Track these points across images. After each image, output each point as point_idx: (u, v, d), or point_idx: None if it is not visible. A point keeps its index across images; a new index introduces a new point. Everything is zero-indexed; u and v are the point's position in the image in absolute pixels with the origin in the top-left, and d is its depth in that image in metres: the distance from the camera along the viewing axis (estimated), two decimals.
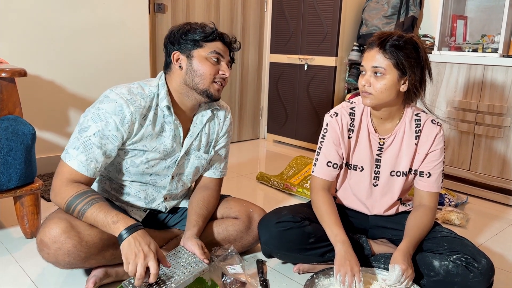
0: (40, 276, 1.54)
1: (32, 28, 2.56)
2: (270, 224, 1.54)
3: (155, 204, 1.63)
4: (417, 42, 1.44)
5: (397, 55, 1.40)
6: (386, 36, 1.42)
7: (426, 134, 1.54)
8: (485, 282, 1.39)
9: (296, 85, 3.69)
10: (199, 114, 1.60)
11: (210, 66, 1.46)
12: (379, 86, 1.42)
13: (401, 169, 1.58)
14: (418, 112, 1.57)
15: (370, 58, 1.43)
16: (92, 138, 1.38)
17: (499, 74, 2.43)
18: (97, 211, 1.31)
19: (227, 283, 1.46)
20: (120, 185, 1.58)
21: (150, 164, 1.52)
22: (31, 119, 2.50)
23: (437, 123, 1.56)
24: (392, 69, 1.41)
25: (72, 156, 1.38)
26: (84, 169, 1.38)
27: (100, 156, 1.40)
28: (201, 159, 1.63)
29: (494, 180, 2.51)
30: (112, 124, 1.39)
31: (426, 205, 1.56)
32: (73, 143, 1.40)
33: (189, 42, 1.46)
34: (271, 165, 3.28)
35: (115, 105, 1.39)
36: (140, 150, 1.48)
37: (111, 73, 2.92)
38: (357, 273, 1.37)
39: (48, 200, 2.25)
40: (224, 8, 3.59)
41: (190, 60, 1.47)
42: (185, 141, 1.57)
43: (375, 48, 1.43)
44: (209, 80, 1.47)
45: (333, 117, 1.58)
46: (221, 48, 1.48)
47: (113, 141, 1.41)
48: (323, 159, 1.59)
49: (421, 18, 3.29)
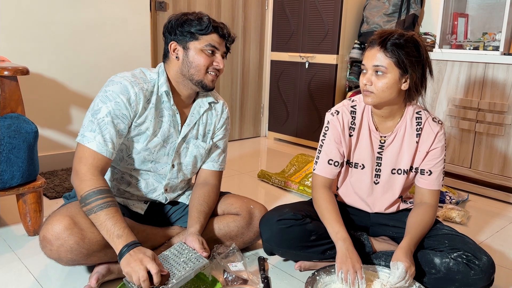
0: (42, 273, 1.55)
1: (34, 26, 2.57)
2: (271, 222, 1.55)
3: (155, 195, 1.64)
4: (418, 40, 1.44)
5: (398, 54, 1.40)
6: (387, 35, 1.42)
7: (427, 132, 1.55)
8: (485, 279, 1.39)
9: (297, 83, 3.69)
10: (196, 105, 1.65)
11: (205, 58, 1.51)
12: (381, 84, 1.43)
13: (402, 167, 1.58)
14: (419, 110, 1.57)
15: (371, 57, 1.44)
16: (106, 119, 1.43)
17: (500, 72, 2.43)
18: (106, 217, 1.32)
19: (229, 280, 1.47)
20: (121, 175, 1.60)
21: (151, 151, 1.55)
22: (34, 117, 2.51)
23: (438, 121, 1.56)
24: (393, 68, 1.41)
25: (90, 138, 1.41)
26: (104, 150, 1.41)
27: (115, 136, 1.44)
28: (199, 147, 1.66)
29: (495, 178, 2.51)
30: (121, 103, 1.45)
31: (427, 202, 1.56)
32: (88, 126, 1.43)
33: (186, 34, 1.52)
34: (272, 163, 3.29)
35: (120, 85, 1.46)
36: (142, 134, 1.52)
37: (112, 71, 2.93)
38: (359, 270, 1.37)
39: (51, 197, 2.26)
40: (225, 6, 3.59)
41: (187, 51, 1.52)
42: (183, 129, 1.61)
43: (376, 46, 1.43)
44: (204, 71, 1.52)
45: (334, 115, 1.58)
46: (217, 40, 1.53)
47: (124, 119, 1.46)
48: (325, 157, 1.59)
49: (422, 16, 3.29)
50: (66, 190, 2.34)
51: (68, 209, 1.41)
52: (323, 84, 3.49)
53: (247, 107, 3.98)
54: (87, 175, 1.38)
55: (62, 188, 2.38)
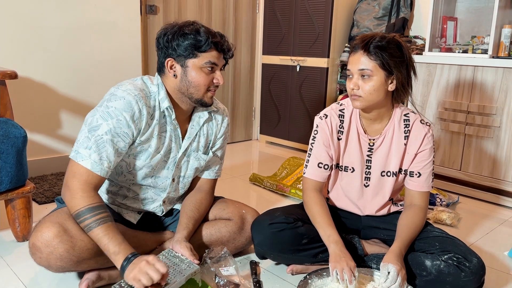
0: (32, 280, 1.53)
1: (23, 30, 2.54)
2: (263, 226, 1.55)
3: (152, 207, 1.63)
4: (400, 41, 1.46)
5: (382, 56, 1.41)
6: (369, 38, 1.43)
7: (415, 134, 1.56)
8: (476, 281, 1.40)
9: (288, 86, 3.70)
10: (196, 116, 1.60)
11: (204, 78, 1.46)
12: (368, 88, 1.44)
13: (391, 169, 1.59)
14: (407, 113, 1.58)
15: (355, 62, 1.45)
16: (104, 137, 1.36)
17: (489, 75, 2.45)
18: (102, 234, 1.29)
19: (221, 285, 1.46)
20: (119, 188, 1.58)
21: (153, 167, 1.52)
22: (22, 121, 2.48)
23: (426, 122, 1.57)
24: (378, 70, 1.43)
25: (84, 156, 1.35)
26: (98, 169, 1.36)
27: (112, 155, 1.38)
28: (200, 160, 1.63)
29: (484, 179, 2.53)
30: (123, 121, 1.38)
31: (417, 204, 1.57)
32: (83, 143, 1.37)
33: (183, 51, 1.43)
34: (264, 166, 3.29)
35: (124, 101, 1.39)
36: (145, 151, 1.48)
37: (102, 74, 2.91)
38: (353, 268, 1.37)
39: (40, 203, 2.24)
40: (216, 10, 3.59)
41: (185, 69, 1.46)
42: (183, 142, 1.57)
43: (360, 51, 1.44)
44: (204, 90, 1.47)
45: (323, 119, 1.59)
46: (216, 56, 1.46)
47: (125, 138, 1.40)
48: (314, 161, 1.60)
49: (412, 19, 3.32)
50: (56, 195, 2.31)
51: (59, 215, 1.39)
52: (314, 87, 3.50)
53: (239, 110, 3.97)
54: (78, 193, 1.33)
55: (51, 193, 2.36)
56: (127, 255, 1.28)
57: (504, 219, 2.32)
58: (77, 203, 1.33)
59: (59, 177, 2.65)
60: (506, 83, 2.39)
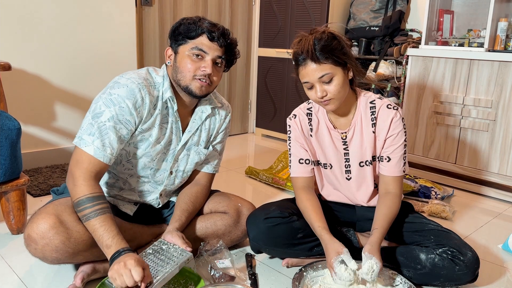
0: (27, 272, 1.53)
1: (17, 21, 2.52)
2: (258, 220, 1.55)
3: (149, 199, 1.63)
4: (332, 32, 1.46)
5: (330, 55, 1.41)
6: (310, 47, 1.41)
7: (383, 120, 1.54)
8: (470, 274, 1.42)
9: (284, 79, 3.69)
10: (199, 110, 1.60)
11: (189, 63, 1.44)
12: (334, 88, 1.43)
13: (367, 158, 1.59)
14: (373, 99, 1.57)
15: (311, 73, 1.42)
16: (107, 123, 1.37)
17: (484, 69, 2.45)
18: (98, 225, 1.29)
19: (216, 277, 1.46)
20: (115, 180, 1.58)
21: (152, 158, 1.52)
22: (16, 113, 2.47)
23: (393, 107, 1.54)
24: (335, 68, 1.42)
25: (87, 142, 1.36)
26: (101, 155, 1.37)
27: (115, 142, 1.39)
28: (201, 154, 1.63)
29: (479, 173, 2.54)
30: (126, 108, 1.39)
31: (392, 192, 1.55)
32: (87, 129, 1.38)
33: (177, 38, 1.47)
34: (260, 159, 3.29)
35: (127, 89, 1.40)
36: (146, 140, 1.48)
37: (97, 66, 2.89)
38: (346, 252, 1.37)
39: (35, 195, 2.23)
40: (212, 2, 3.57)
41: (176, 56, 1.48)
42: (183, 135, 1.57)
43: (309, 61, 1.42)
44: (189, 77, 1.45)
45: (292, 119, 1.62)
46: (206, 44, 1.44)
47: (127, 125, 1.41)
48: (295, 159, 1.61)
49: (408, 12, 3.31)
50: (50, 188, 2.30)
51: (54, 206, 1.38)
52: None
53: (235, 103, 3.96)
54: (79, 180, 1.34)
55: (46, 186, 2.35)
56: (118, 249, 1.27)
57: (498, 212, 2.34)
58: (78, 191, 1.33)
59: (53, 169, 2.63)
60: (501, 76, 2.40)
